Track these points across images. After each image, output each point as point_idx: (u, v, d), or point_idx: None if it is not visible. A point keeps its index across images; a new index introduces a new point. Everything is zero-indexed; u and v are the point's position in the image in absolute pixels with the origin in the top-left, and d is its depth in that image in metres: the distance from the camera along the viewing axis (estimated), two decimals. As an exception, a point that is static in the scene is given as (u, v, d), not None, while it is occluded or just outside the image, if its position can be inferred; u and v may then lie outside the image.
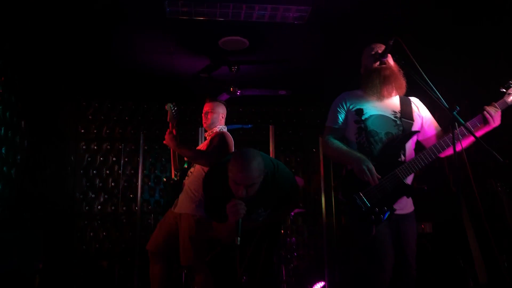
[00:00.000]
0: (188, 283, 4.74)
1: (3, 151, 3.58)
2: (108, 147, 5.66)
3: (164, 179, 3.53)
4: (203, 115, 3.55)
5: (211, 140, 3.34)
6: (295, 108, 6.14)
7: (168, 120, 3.32)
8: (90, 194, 5.53)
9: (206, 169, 3.27)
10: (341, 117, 2.53)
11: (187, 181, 3.33)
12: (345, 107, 2.53)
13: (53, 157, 4.77)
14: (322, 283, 4.73)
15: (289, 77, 4.93)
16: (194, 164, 3.35)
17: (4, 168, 3.60)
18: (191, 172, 3.35)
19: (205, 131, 3.59)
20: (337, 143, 2.50)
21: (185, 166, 3.45)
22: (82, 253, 5.28)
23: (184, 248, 3.18)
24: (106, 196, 5.53)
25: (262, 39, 3.95)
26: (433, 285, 3.48)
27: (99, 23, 3.57)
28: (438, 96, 2.05)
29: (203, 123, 3.57)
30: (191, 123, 5.71)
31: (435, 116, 2.62)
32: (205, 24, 3.58)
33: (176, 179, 3.38)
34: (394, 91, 2.49)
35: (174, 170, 3.43)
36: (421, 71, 2.07)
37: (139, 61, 4.43)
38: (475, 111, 2.35)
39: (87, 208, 5.46)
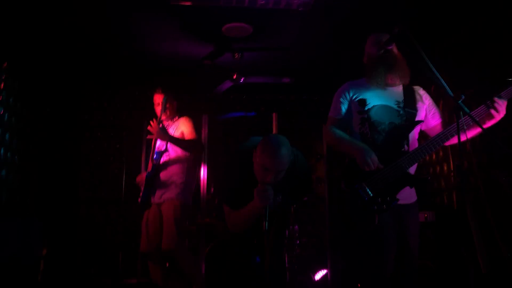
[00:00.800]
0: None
1: (7, 137, 3.58)
2: (112, 134, 5.66)
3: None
4: (157, 106, 3.53)
5: (183, 127, 3.44)
6: (299, 96, 6.10)
7: (159, 113, 3.36)
8: (94, 181, 5.55)
9: (183, 156, 3.36)
10: (344, 107, 2.52)
11: (163, 172, 3.38)
12: (348, 98, 2.51)
13: (56, 144, 4.78)
14: (324, 271, 4.75)
15: (293, 64, 4.89)
16: (169, 155, 3.40)
17: (8, 154, 3.61)
18: (165, 162, 3.39)
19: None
20: (339, 133, 2.49)
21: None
22: (85, 240, 5.32)
23: (168, 232, 3.25)
24: (109, 183, 5.55)
25: (266, 26, 3.91)
26: (435, 274, 3.49)
27: (103, 9, 3.54)
28: (443, 84, 2.02)
29: (159, 113, 3.51)
30: (195, 110, 5.69)
31: (439, 105, 2.59)
32: (209, 10, 3.55)
33: (153, 173, 3.38)
34: (398, 80, 2.46)
35: (152, 163, 3.42)
36: (426, 59, 2.04)
37: (143, 48, 4.40)
38: (481, 100, 2.32)
39: (90, 195, 5.49)
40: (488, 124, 2.30)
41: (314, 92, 6.00)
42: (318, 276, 4.75)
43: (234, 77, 4.47)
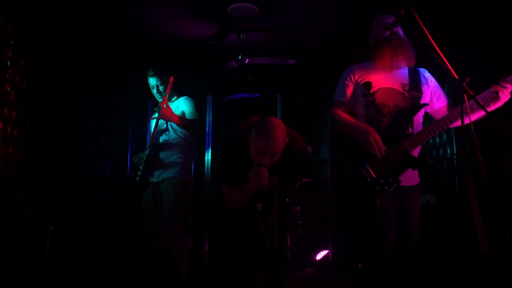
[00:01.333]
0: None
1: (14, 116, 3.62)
2: (117, 113, 5.69)
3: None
4: (155, 88, 3.48)
5: (184, 106, 3.44)
6: (304, 78, 6.08)
7: (167, 92, 3.32)
8: (99, 159, 5.60)
9: (183, 135, 3.40)
10: (349, 90, 2.53)
11: (162, 152, 3.39)
12: (353, 81, 2.52)
13: (62, 123, 4.82)
14: (326, 251, 4.82)
15: (298, 46, 4.86)
16: (169, 134, 3.41)
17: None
18: (165, 141, 3.40)
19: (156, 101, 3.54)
20: (344, 115, 2.51)
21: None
22: (91, 218, 5.40)
23: (167, 210, 3.28)
24: (114, 162, 5.60)
25: (272, 7, 3.87)
26: (435, 256, 3.54)
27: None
28: (449, 67, 2.02)
29: (158, 95, 3.49)
30: (199, 92, 5.71)
31: (444, 88, 2.59)
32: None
33: (152, 153, 3.39)
34: (404, 62, 2.45)
35: (152, 144, 3.41)
36: (432, 41, 2.03)
37: (148, 27, 4.38)
38: (486, 84, 2.33)
39: (96, 173, 5.55)
40: (492, 107, 2.31)
41: (319, 74, 5.98)
42: (319, 256, 4.82)
43: (239, 57, 4.46)
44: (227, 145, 2.62)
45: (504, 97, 2.28)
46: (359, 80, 2.50)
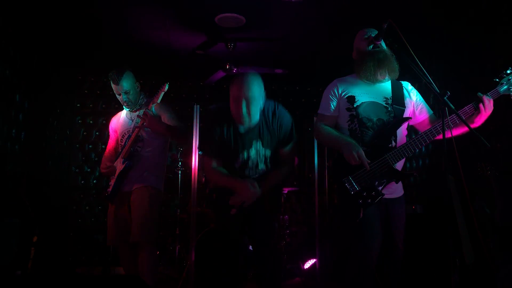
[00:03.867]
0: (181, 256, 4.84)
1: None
2: (104, 121, 5.66)
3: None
4: (120, 95, 3.21)
5: (163, 112, 3.19)
6: (292, 86, 6.12)
7: (158, 101, 3.07)
8: (86, 168, 5.56)
9: (157, 142, 3.20)
10: (333, 104, 2.55)
11: (135, 161, 3.14)
12: (337, 95, 2.55)
13: (48, 130, 4.78)
14: (313, 260, 4.82)
15: (286, 55, 4.91)
16: (143, 142, 3.17)
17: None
18: (140, 150, 3.16)
19: (130, 109, 3.29)
20: (328, 129, 2.54)
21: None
22: (77, 226, 5.35)
23: (139, 222, 3.00)
24: (100, 171, 5.57)
25: (258, 17, 3.91)
26: (421, 265, 3.56)
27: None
28: (430, 81, 2.06)
29: (124, 103, 3.25)
30: (187, 101, 5.71)
31: (428, 100, 2.63)
32: (201, 0, 3.54)
33: (130, 163, 3.11)
34: (387, 75, 2.49)
35: (127, 156, 3.14)
36: (413, 55, 2.07)
37: (135, 36, 4.39)
38: (470, 97, 2.37)
39: (82, 182, 5.51)
40: (477, 120, 2.34)
41: (307, 83, 6.02)
42: (307, 265, 4.82)
43: (227, 67, 4.47)
44: (209, 117, 2.75)
45: (485, 112, 2.31)
46: (343, 94, 2.53)
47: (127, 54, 4.92)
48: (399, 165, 2.46)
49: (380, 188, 2.36)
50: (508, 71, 2.35)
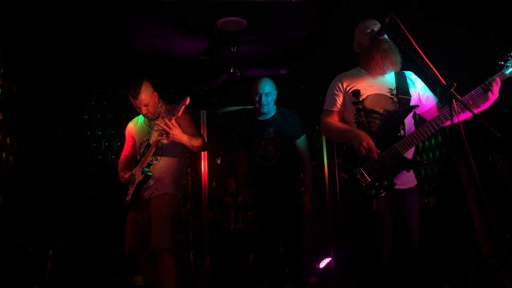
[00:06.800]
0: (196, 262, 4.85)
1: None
2: (113, 132, 5.70)
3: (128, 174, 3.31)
4: (142, 107, 3.19)
5: (184, 122, 3.19)
6: (297, 86, 6.10)
7: (179, 114, 2.96)
8: (97, 179, 5.59)
9: (177, 152, 3.21)
10: (339, 99, 2.57)
11: (154, 169, 3.14)
12: (342, 89, 2.56)
13: (57, 144, 4.82)
14: (328, 259, 4.80)
15: (289, 56, 4.90)
16: (162, 152, 3.19)
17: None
18: (159, 159, 3.18)
19: (152, 119, 3.29)
20: (335, 123, 2.57)
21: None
22: (92, 237, 5.38)
23: (158, 229, 3.00)
24: (112, 180, 5.59)
25: (260, 19, 3.91)
26: (436, 259, 3.53)
27: (97, 7, 3.55)
28: (435, 73, 2.04)
29: (145, 115, 3.26)
30: (194, 106, 5.71)
31: (436, 90, 2.61)
32: (203, 5, 3.55)
33: (150, 173, 3.10)
34: (391, 67, 2.48)
35: (146, 165, 3.14)
36: (418, 48, 2.06)
37: (138, 45, 4.41)
38: (475, 84, 2.35)
39: (94, 193, 5.54)
40: (483, 106, 2.35)
41: (312, 82, 6.00)
42: (322, 264, 4.80)
43: (231, 70, 4.48)
44: (238, 121, 3.95)
45: (493, 96, 2.31)
46: (348, 88, 2.54)
47: (131, 63, 4.95)
48: (410, 154, 2.45)
49: (391, 177, 2.35)
50: None
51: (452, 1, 3.61)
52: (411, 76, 2.61)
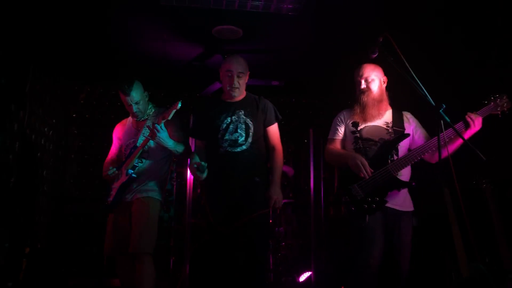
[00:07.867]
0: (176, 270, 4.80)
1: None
2: (100, 132, 5.64)
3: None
4: (130, 106, 3.17)
5: (170, 125, 3.14)
6: (288, 99, 6.12)
7: (169, 118, 2.96)
8: (82, 179, 5.52)
9: (161, 155, 3.20)
10: (340, 130, 2.95)
11: (139, 172, 3.12)
12: (343, 121, 2.95)
13: (43, 140, 4.76)
14: (308, 273, 4.78)
15: (282, 67, 4.93)
16: (148, 154, 3.17)
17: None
18: (141, 162, 3.15)
19: (138, 119, 3.28)
20: (336, 149, 2.92)
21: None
22: (71, 238, 5.28)
23: (140, 233, 2.95)
24: (97, 181, 5.52)
25: (256, 29, 3.93)
26: (417, 278, 3.54)
27: (93, 7, 3.53)
28: (425, 93, 2.08)
29: (134, 114, 3.23)
30: (183, 111, 5.69)
31: (423, 118, 2.85)
32: (199, 12, 3.56)
33: (133, 174, 3.08)
34: (383, 110, 2.82)
35: (131, 167, 3.12)
36: (409, 68, 2.10)
37: (132, 48, 4.40)
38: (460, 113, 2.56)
39: (77, 193, 5.46)
40: (466, 135, 2.54)
41: (303, 95, 6.03)
42: (302, 278, 4.78)
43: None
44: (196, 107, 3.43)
45: (475, 127, 2.54)
46: (348, 121, 2.91)
47: (123, 65, 4.92)
48: (404, 177, 2.68)
49: (383, 195, 2.59)
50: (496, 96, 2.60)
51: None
52: (407, 115, 2.90)
